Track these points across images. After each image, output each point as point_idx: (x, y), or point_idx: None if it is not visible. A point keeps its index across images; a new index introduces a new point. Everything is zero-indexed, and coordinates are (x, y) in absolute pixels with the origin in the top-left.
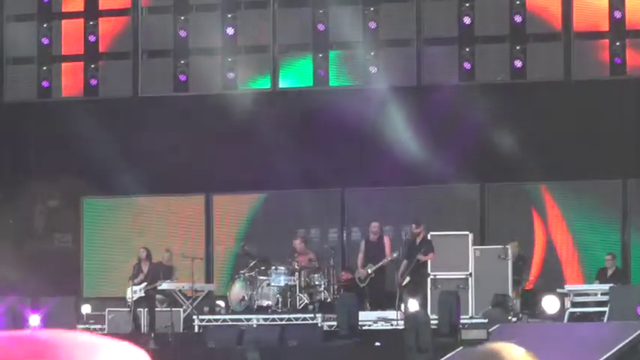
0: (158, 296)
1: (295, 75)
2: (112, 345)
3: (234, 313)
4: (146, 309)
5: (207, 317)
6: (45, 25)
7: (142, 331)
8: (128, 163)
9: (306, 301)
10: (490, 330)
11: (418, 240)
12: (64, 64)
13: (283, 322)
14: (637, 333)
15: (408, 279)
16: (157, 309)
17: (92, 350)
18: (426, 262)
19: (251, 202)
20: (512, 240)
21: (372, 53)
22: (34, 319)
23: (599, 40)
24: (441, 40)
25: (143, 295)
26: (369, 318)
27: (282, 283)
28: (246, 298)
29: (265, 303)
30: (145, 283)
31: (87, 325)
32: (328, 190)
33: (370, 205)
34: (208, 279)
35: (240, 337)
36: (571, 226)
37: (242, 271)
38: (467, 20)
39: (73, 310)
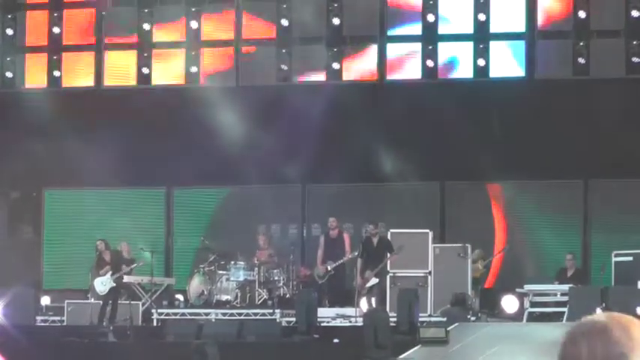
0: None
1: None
2: None
3: (192, 307)
4: (110, 301)
5: (165, 311)
6: (9, 16)
7: (104, 323)
8: (91, 155)
9: (265, 296)
10: (449, 328)
11: (375, 240)
12: (27, 55)
13: (242, 317)
14: None
15: (375, 280)
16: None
17: None
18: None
19: (212, 197)
20: (478, 249)
21: (336, 49)
22: None
23: (563, 40)
24: (404, 38)
25: (114, 285)
26: (327, 314)
27: (242, 278)
28: (205, 292)
29: (224, 297)
30: (110, 272)
31: (46, 317)
32: (289, 186)
33: (331, 202)
34: (168, 272)
35: (199, 331)
36: (531, 226)
37: (201, 266)
38: (431, 18)
39: (32, 301)
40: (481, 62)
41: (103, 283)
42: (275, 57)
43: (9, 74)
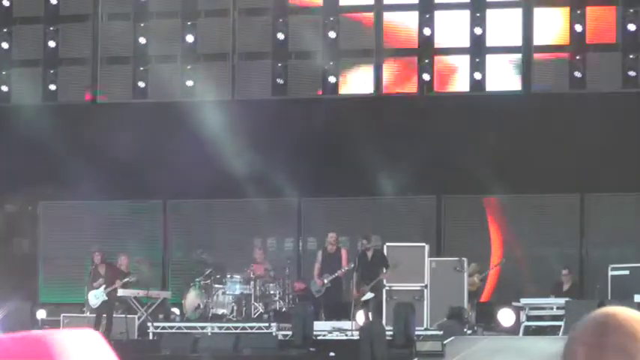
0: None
1: None
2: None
3: (188, 320)
4: (104, 315)
5: (161, 324)
6: (4, 30)
7: None
8: (86, 168)
9: (261, 310)
10: (445, 342)
11: (370, 254)
12: (22, 69)
13: (238, 331)
14: None
15: (371, 295)
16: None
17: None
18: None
19: (208, 210)
20: (474, 263)
21: (331, 63)
22: None
23: (560, 53)
24: (401, 52)
25: (106, 299)
26: (324, 328)
27: (238, 292)
28: (201, 305)
29: (220, 311)
30: (104, 286)
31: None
32: (285, 200)
33: (326, 216)
34: (164, 286)
35: (195, 344)
36: (528, 240)
37: (197, 279)
38: (427, 32)
39: (28, 315)
40: (477, 76)
41: (95, 297)
42: (270, 70)
43: (4, 88)
